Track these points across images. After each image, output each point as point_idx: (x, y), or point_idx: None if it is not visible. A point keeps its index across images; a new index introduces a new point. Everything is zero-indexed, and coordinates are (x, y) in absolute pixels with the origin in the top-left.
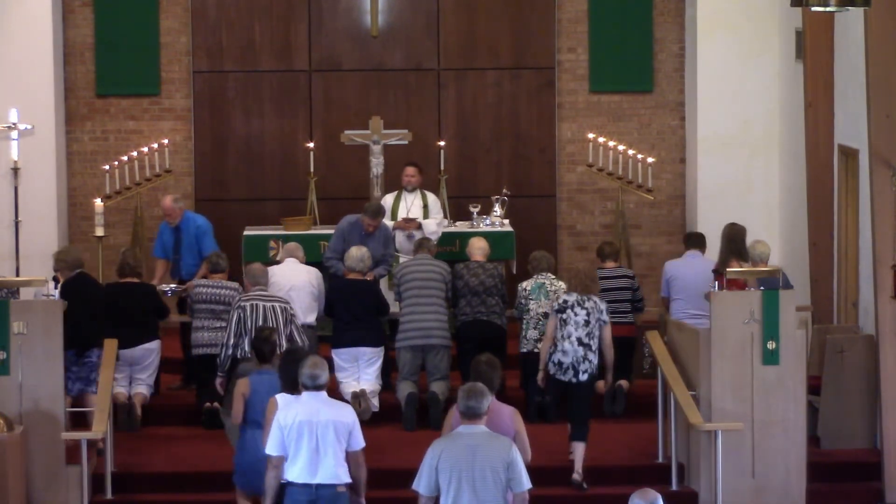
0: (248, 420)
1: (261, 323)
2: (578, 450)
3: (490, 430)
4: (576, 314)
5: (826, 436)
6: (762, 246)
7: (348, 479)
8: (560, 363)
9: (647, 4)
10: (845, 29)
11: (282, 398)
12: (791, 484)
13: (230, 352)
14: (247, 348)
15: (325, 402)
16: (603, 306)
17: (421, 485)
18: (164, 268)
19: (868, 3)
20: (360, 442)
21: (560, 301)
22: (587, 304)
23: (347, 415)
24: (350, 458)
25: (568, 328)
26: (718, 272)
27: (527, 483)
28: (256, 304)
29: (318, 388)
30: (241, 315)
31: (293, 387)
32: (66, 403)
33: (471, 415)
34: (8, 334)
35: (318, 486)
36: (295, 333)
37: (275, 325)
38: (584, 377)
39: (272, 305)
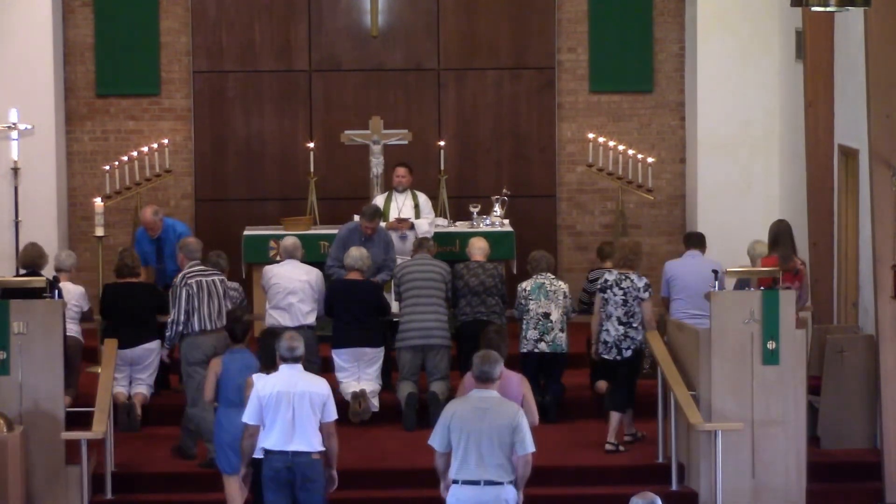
0: (220, 399)
1: (206, 298)
2: (613, 419)
3: (500, 396)
4: (614, 294)
5: (826, 436)
6: (762, 246)
7: (322, 448)
8: (605, 342)
9: (647, 4)
10: (845, 29)
11: (258, 377)
12: (791, 484)
13: (180, 328)
14: (196, 326)
15: (301, 374)
16: (640, 283)
17: (435, 441)
18: (145, 275)
19: (868, 3)
20: (332, 414)
21: (602, 280)
22: (624, 284)
23: (322, 387)
24: (322, 428)
25: (609, 308)
26: (785, 269)
27: (530, 446)
28: (201, 281)
29: (295, 359)
30: (190, 292)
31: (272, 365)
32: (65, 403)
33: (484, 379)
34: (8, 334)
35: (294, 453)
36: (230, 306)
37: (217, 299)
38: (627, 353)
39: (212, 279)
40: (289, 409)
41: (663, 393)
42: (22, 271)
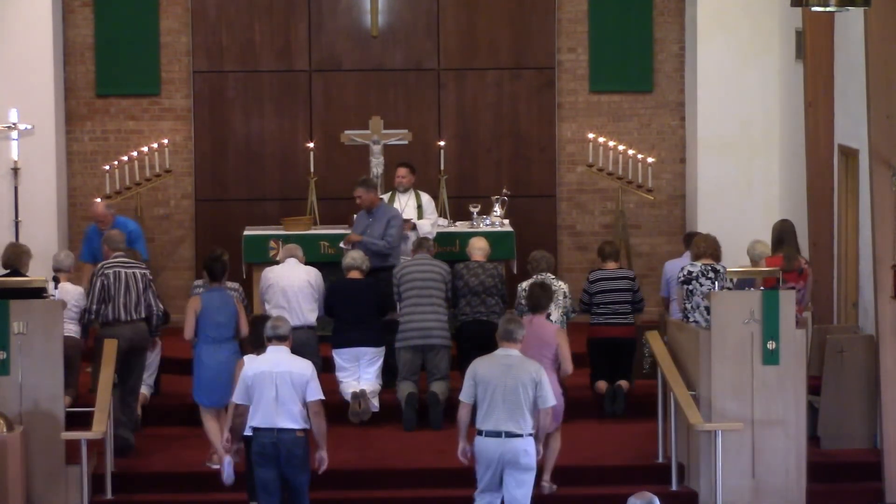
0: (200, 336)
1: (122, 289)
2: None
3: (522, 354)
4: (701, 284)
5: (826, 436)
6: (762, 246)
7: (306, 425)
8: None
9: (647, 4)
10: (845, 29)
11: (248, 359)
12: (791, 484)
13: (92, 316)
14: (111, 315)
15: (285, 354)
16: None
17: (463, 394)
18: (92, 270)
19: (868, 3)
20: (316, 393)
21: (685, 272)
22: (710, 274)
23: (305, 368)
24: (309, 407)
25: (695, 299)
26: (789, 269)
27: (551, 400)
28: (119, 272)
29: (279, 338)
30: (105, 282)
31: (261, 347)
32: (65, 403)
33: (508, 338)
34: (8, 334)
35: (279, 430)
36: (151, 298)
37: (136, 291)
38: None
39: (133, 272)
40: (272, 388)
41: (663, 393)
42: (3, 272)
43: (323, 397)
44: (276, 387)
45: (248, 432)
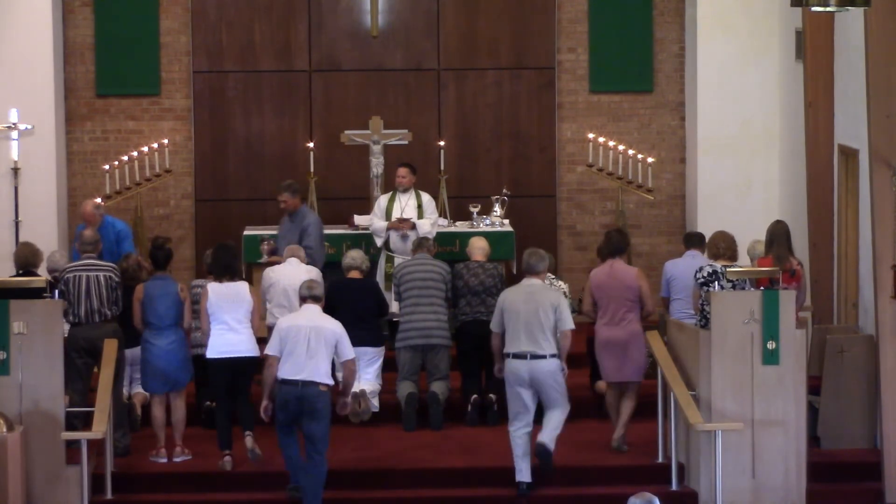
0: (146, 323)
1: (83, 294)
2: None
3: (544, 284)
4: (722, 287)
5: (826, 436)
6: (762, 246)
7: (330, 381)
8: None
9: (647, 4)
10: (845, 29)
11: (212, 287)
12: (791, 484)
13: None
14: (71, 318)
15: (318, 313)
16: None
17: (493, 324)
18: None
19: (868, 3)
20: (348, 353)
21: (705, 273)
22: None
23: (336, 325)
24: (344, 366)
25: None
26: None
27: (570, 324)
28: (79, 276)
29: (314, 298)
30: (65, 288)
31: (223, 273)
32: (65, 403)
33: (531, 271)
34: (8, 334)
35: (304, 383)
36: (120, 296)
37: (98, 296)
38: None
39: (96, 276)
40: (304, 343)
41: (663, 393)
42: (19, 272)
43: (354, 356)
44: (308, 341)
45: (280, 375)
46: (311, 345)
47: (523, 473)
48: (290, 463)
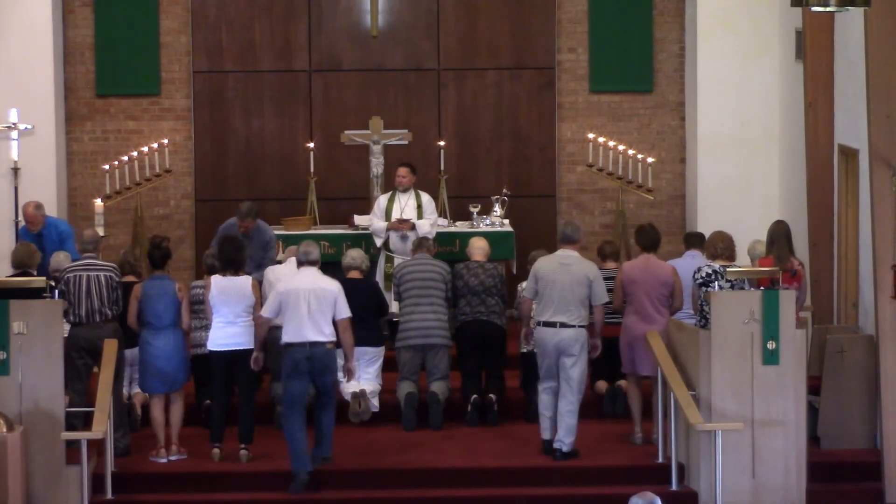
0: (143, 322)
1: (84, 294)
2: None
3: (580, 255)
4: (721, 287)
5: (826, 436)
6: (762, 246)
7: (334, 339)
8: None
9: (647, 4)
10: (845, 29)
11: (216, 280)
12: (791, 484)
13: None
14: (71, 318)
15: (314, 274)
16: None
17: (526, 291)
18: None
19: (868, 3)
20: (344, 311)
21: (703, 274)
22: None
23: (333, 285)
24: (338, 325)
25: None
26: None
27: (604, 297)
28: (79, 276)
29: (311, 262)
30: (64, 287)
31: (227, 266)
32: (65, 403)
33: (566, 240)
34: (8, 334)
35: (311, 343)
36: (120, 296)
37: (99, 296)
38: None
39: (97, 276)
40: (304, 304)
41: (663, 393)
42: (15, 272)
43: (350, 315)
44: (307, 303)
45: (286, 340)
46: (312, 307)
47: (546, 431)
48: (295, 445)
